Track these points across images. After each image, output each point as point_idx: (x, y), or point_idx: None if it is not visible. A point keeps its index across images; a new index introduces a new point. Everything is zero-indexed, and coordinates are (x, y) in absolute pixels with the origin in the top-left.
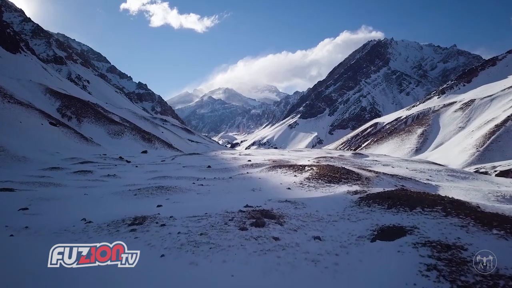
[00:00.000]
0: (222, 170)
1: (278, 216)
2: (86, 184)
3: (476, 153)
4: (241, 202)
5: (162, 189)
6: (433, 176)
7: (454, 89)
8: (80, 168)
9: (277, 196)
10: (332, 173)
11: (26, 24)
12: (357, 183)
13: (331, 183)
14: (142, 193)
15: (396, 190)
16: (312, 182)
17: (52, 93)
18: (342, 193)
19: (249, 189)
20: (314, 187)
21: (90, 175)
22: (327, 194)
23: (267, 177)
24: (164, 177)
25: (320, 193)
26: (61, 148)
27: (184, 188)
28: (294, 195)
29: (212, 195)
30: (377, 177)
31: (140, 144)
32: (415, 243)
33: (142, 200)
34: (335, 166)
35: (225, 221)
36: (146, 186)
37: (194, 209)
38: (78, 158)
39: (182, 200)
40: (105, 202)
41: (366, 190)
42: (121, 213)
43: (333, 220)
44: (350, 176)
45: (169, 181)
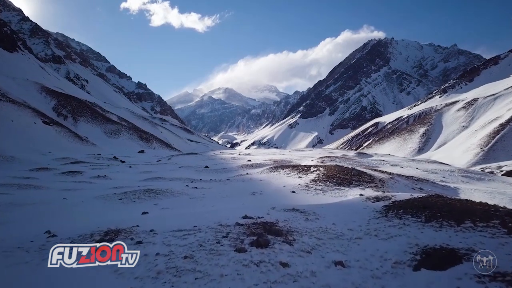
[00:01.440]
0: (220, 171)
1: (286, 232)
2: (70, 187)
3: (481, 153)
4: (239, 210)
5: (151, 192)
6: (447, 177)
7: (456, 88)
8: (70, 168)
9: (281, 201)
10: (341, 175)
11: (24, 23)
12: (370, 185)
13: (341, 186)
14: (128, 197)
15: (431, 197)
16: (319, 184)
17: (48, 92)
18: (360, 200)
19: (249, 192)
20: (322, 191)
21: (79, 176)
22: (339, 200)
23: (268, 178)
24: (157, 178)
25: (329, 197)
26: (53, 148)
27: (176, 191)
28: (300, 200)
29: (206, 200)
30: (391, 179)
31: (137, 143)
32: (480, 276)
33: (127, 206)
34: (344, 167)
35: (217, 239)
36: (134, 189)
37: (183, 219)
38: (70, 158)
39: (172, 205)
40: (84, 208)
41: (389, 195)
42: (95, 223)
43: (357, 237)
44: (362, 177)
45: (162, 183)
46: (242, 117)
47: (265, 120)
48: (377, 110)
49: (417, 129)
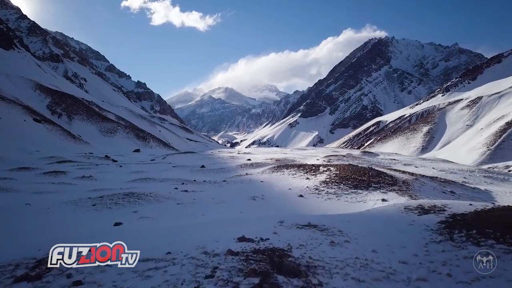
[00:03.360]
0: (217, 171)
1: (305, 269)
2: (45, 189)
3: (487, 152)
4: (234, 226)
5: (132, 197)
6: (468, 178)
7: (459, 86)
8: (54, 168)
9: (288, 208)
10: (357, 175)
11: (22, 21)
12: (393, 189)
13: (357, 189)
14: (104, 203)
15: (505, 210)
16: (331, 187)
17: (43, 90)
18: (397, 210)
19: (248, 196)
20: (336, 195)
21: (62, 176)
22: (363, 207)
23: (271, 180)
24: (146, 179)
25: (344, 202)
26: (43, 146)
27: (162, 195)
28: (312, 208)
29: (196, 206)
30: (416, 181)
31: (134, 142)
32: None
33: (100, 214)
34: (359, 166)
35: (197, 280)
36: (113, 193)
37: (156, 238)
38: (58, 157)
39: (154, 214)
40: (44, 217)
41: (437, 204)
42: (37, 243)
43: (418, 278)
44: (382, 179)
45: (150, 185)
46: (242, 117)
47: (265, 120)
48: (378, 109)
49: (420, 128)
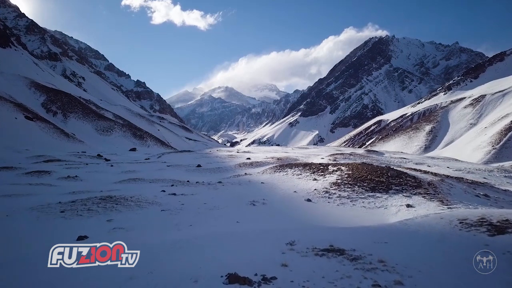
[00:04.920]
0: (213, 171)
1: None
2: (17, 191)
3: (492, 151)
4: (224, 248)
5: (109, 201)
6: (488, 178)
7: (461, 85)
8: (39, 168)
9: (297, 218)
10: (374, 176)
11: (20, 20)
12: (418, 192)
13: (375, 192)
14: (75, 209)
15: None
16: (344, 189)
17: (38, 87)
18: (448, 224)
19: (247, 201)
20: (350, 199)
21: (45, 177)
22: (389, 216)
23: (272, 181)
24: (135, 179)
25: (360, 208)
26: (34, 145)
27: (145, 199)
28: (325, 217)
29: (183, 214)
30: (442, 182)
31: (130, 141)
32: None
33: (66, 223)
34: (375, 166)
35: None
36: (90, 196)
37: (117, 269)
38: (47, 156)
39: (132, 223)
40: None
41: (504, 216)
42: None
43: None
44: (404, 180)
45: (138, 186)
46: (242, 116)
47: (265, 119)
48: (379, 108)
49: (422, 126)
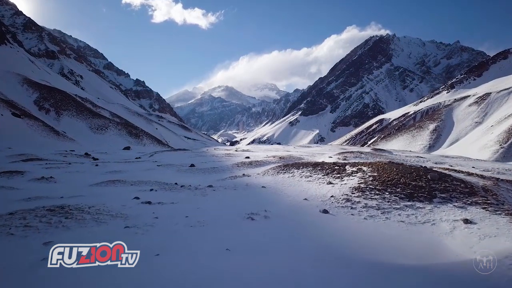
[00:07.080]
0: (207, 171)
1: None
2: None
3: (500, 150)
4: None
5: (59, 214)
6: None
7: (464, 83)
8: (15, 167)
9: (313, 241)
10: (408, 179)
11: (17, 17)
12: (474, 201)
13: (414, 201)
14: (8, 225)
15: None
16: (371, 197)
17: (30, 84)
18: None
19: (243, 213)
20: (380, 210)
21: (16, 178)
22: (440, 235)
23: (276, 184)
24: (115, 181)
25: (398, 224)
26: (19, 143)
27: (108, 211)
28: (348, 237)
29: (153, 234)
30: (498, 187)
31: (125, 139)
32: None
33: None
34: (407, 166)
35: None
36: (37, 206)
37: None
38: (29, 155)
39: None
40: None
41: None
42: None
43: None
44: (450, 185)
45: (110, 191)
46: (242, 115)
47: (265, 118)
48: (380, 107)
49: (426, 125)
